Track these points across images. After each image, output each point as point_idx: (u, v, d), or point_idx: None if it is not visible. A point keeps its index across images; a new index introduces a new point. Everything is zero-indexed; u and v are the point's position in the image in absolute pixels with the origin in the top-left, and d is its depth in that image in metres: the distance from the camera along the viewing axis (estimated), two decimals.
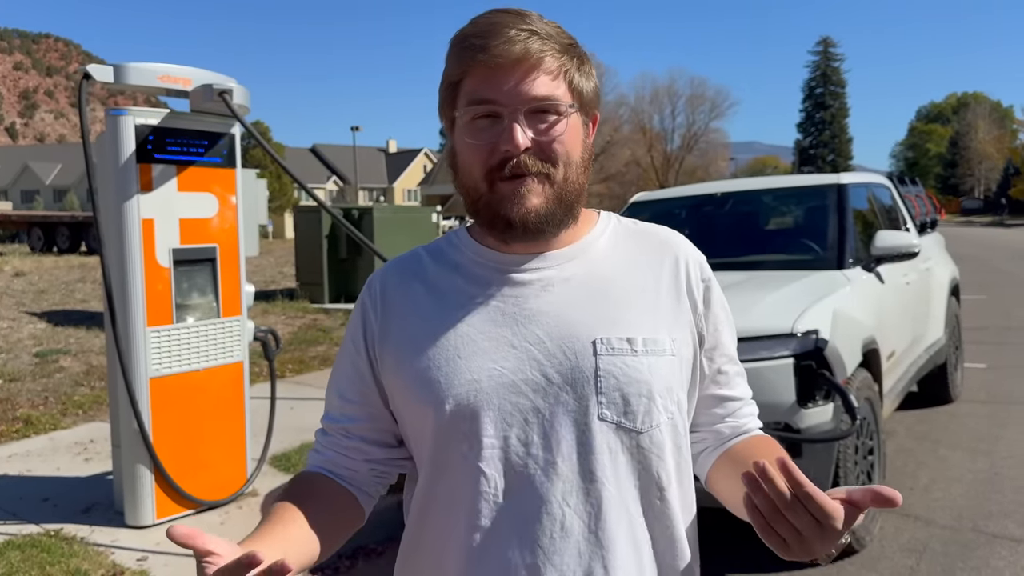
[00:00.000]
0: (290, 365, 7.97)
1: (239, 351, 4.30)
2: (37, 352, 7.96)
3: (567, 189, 1.10)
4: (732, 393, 1.23)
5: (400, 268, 1.21)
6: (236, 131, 4.27)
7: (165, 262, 3.96)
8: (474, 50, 1.06)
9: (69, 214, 27.66)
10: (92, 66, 3.77)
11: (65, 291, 12.38)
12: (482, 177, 1.09)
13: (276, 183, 43.67)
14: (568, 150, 1.09)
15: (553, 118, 1.08)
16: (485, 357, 1.09)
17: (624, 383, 1.08)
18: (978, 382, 7.06)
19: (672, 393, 1.12)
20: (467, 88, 1.09)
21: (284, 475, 4.72)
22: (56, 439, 5.61)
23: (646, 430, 1.10)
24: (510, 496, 1.08)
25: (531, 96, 1.06)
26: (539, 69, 1.06)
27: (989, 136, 79.07)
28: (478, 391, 1.08)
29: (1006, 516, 4.14)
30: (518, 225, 1.08)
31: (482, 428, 1.08)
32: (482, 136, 1.08)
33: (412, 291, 1.17)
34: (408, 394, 1.13)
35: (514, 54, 1.05)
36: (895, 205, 5.90)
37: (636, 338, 1.10)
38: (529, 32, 1.06)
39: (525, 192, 1.07)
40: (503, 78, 1.06)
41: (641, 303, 1.14)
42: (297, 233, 12.38)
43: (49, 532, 3.89)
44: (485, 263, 1.16)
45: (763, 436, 1.23)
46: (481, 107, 1.07)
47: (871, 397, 3.91)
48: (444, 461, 1.10)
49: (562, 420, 1.08)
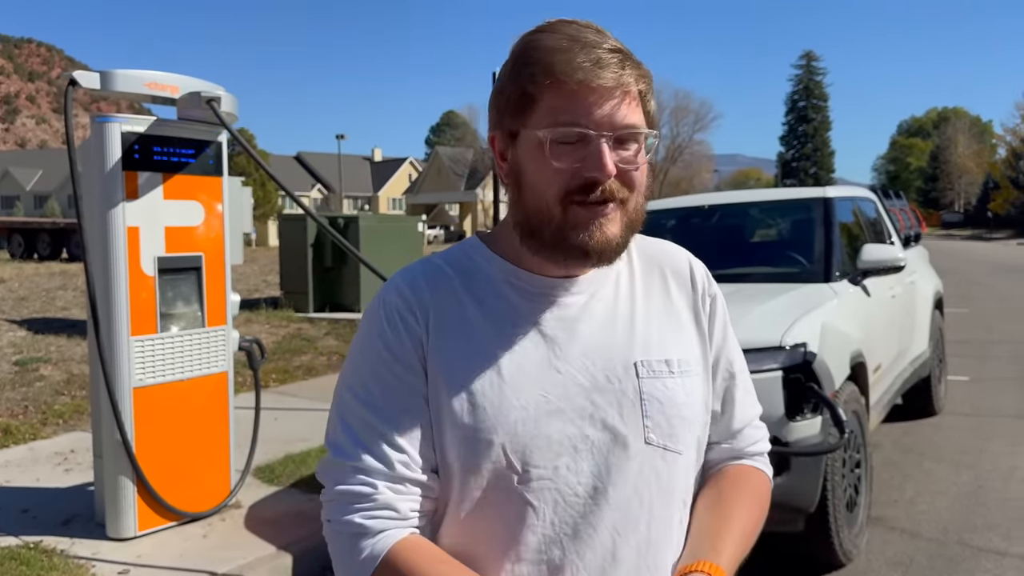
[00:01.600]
0: (274, 375, 7.90)
1: (224, 361, 4.25)
2: (17, 360, 7.85)
3: (635, 216, 1.08)
4: (734, 414, 1.21)
5: (430, 280, 1.11)
6: (223, 139, 4.24)
7: (150, 271, 3.91)
8: (563, 66, 1.00)
9: (50, 220, 27.46)
10: (78, 72, 3.73)
11: (46, 298, 12.23)
12: (556, 199, 1.03)
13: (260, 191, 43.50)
14: (643, 178, 1.08)
15: (635, 147, 1.05)
16: (532, 384, 1.05)
17: (666, 405, 1.08)
18: (961, 395, 7.12)
19: (701, 415, 1.14)
20: (550, 105, 1.02)
21: (268, 487, 4.67)
22: (36, 449, 5.53)
23: (684, 451, 1.10)
24: (560, 527, 1.04)
25: (623, 124, 1.02)
26: (628, 96, 1.03)
27: (969, 150, 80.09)
28: (526, 419, 1.04)
29: (991, 529, 4.16)
30: (594, 253, 1.04)
31: (531, 458, 1.03)
32: (565, 159, 1.02)
33: (447, 306, 1.09)
34: (451, 422, 1.04)
35: (610, 79, 1.01)
36: (880, 218, 5.95)
37: (672, 360, 1.11)
38: (620, 55, 1.02)
39: (603, 221, 1.03)
40: (596, 101, 1.01)
41: (668, 324, 1.14)
42: (282, 241, 12.31)
43: (28, 544, 3.82)
44: (521, 285, 1.10)
45: (743, 476, 1.20)
46: (570, 130, 1.01)
47: (858, 410, 3.92)
48: (488, 494, 1.04)
49: (611, 446, 1.05)
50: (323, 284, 11.66)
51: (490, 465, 1.03)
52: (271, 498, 4.51)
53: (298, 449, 5.35)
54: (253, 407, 4.66)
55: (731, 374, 1.20)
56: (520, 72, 1.04)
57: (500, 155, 1.09)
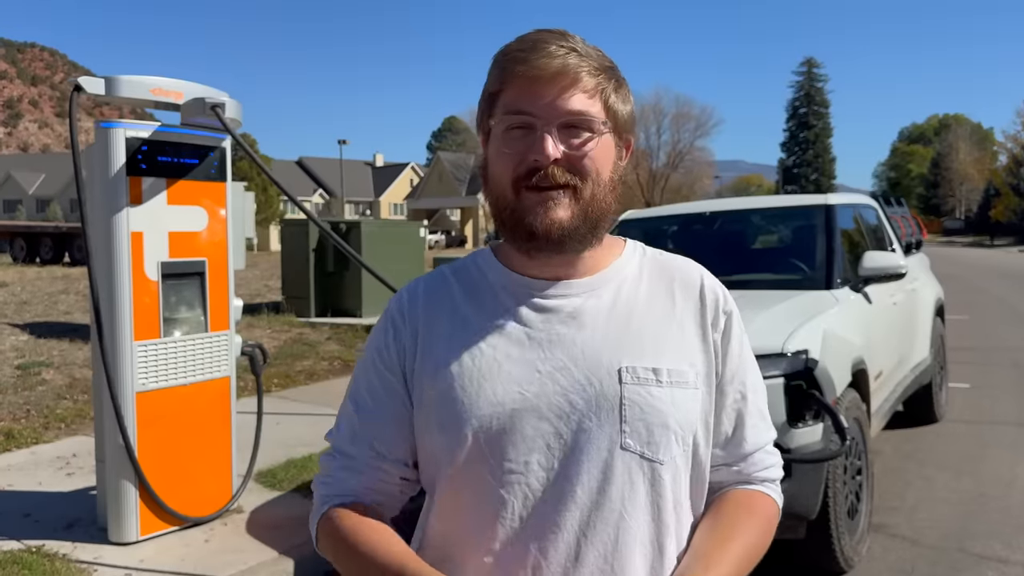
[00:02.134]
0: (276, 380, 7.91)
1: (226, 366, 4.26)
2: (19, 364, 7.86)
3: (593, 206, 1.10)
4: (744, 436, 1.19)
5: (428, 287, 1.22)
6: (227, 145, 4.26)
7: (153, 275, 3.93)
8: (514, 62, 1.08)
9: (53, 224, 27.48)
10: (84, 78, 3.75)
11: (48, 302, 12.25)
12: (510, 185, 1.10)
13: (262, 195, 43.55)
14: (598, 167, 1.10)
15: (586, 135, 1.08)
16: (510, 381, 1.09)
17: (648, 413, 1.08)
18: (962, 402, 7.11)
19: (692, 426, 1.12)
20: (504, 99, 1.10)
21: (269, 491, 4.68)
22: (38, 453, 5.54)
23: (666, 461, 1.10)
24: (527, 522, 1.07)
25: (566, 110, 1.07)
26: (576, 85, 1.07)
27: (970, 157, 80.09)
28: (501, 414, 1.08)
29: (992, 536, 4.16)
30: (541, 235, 1.09)
31: (504, 452, 1.08)
32: (514, 146, 1.09)
33: (439, 311, 1.17)
34: (430, 414, 1.12)
35: (552, 68, 1.06)
36: (881, 225, 5.95)
37: (661, 369, 1.10)
38: (569, 49, 1.08)
39: (551, 204, 1.08)
40: (540, 91, 1.07)
41: (666, 334, 1.14)
42: (284, 246, 12.33)
43: (31, 548, 3.82)
44: (511, 287, 1.16)
45: (747, 500, 1.18)
46: (516, 117, 1.08)
47: (860, 417, 3.93)
48: (463, 483, 1.10)
49: (584, 448, 1.07)
50: (325, 289, 11.67)
51: (463, 455, 1.09)
52: (273, 503, 4.51)
53: (300, 454, 5.35)
54: (255, 412, 4.66)
55: (743, 395, 1.19)
56: (489, 77, 1.14)
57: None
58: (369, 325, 10.63)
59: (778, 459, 1.23)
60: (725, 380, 1.17)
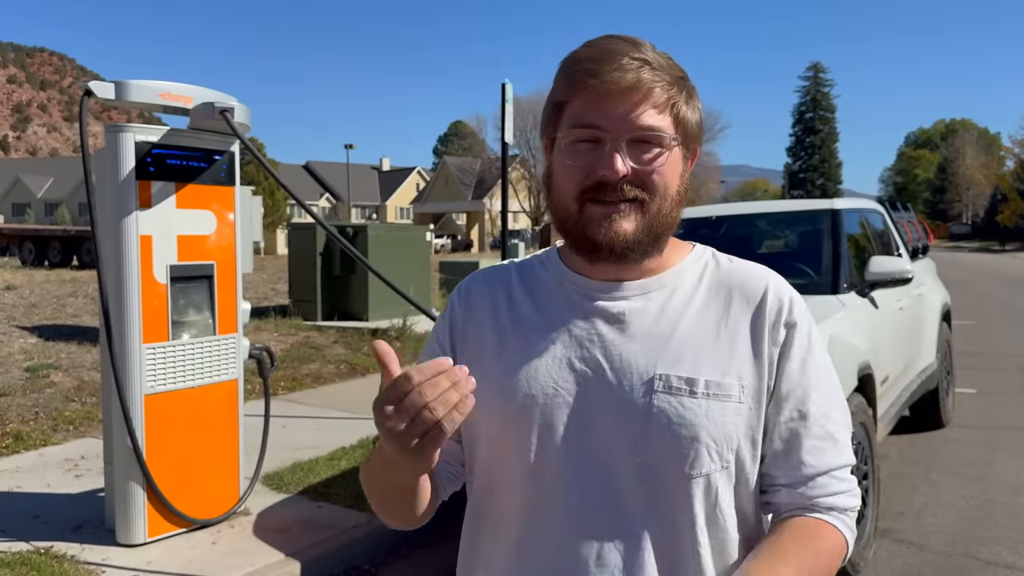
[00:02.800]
0: (282, 383, 7.93)
1: (234, 369, 4.28)
2: (28, 367, 7.90)
3: (659, 221, 1.09)
4: (802, 458, 1.10)
5: (487, 276, 1.24)
6: (235, 149, 4.28)
7: (162, 279, 3.95)
8: (585, 74, 1.05)
9: (61, 228, 27.57)
10: (94, 83, 3.78)
11: (56, 305, 12.30)
12: (574, 198, 1.08)
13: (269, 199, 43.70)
14: (666, 183, 1.08)
15: (656, 150, 1.06)
16: (546, 375, 1.10)
17: (676, 424, 1.04)
18: (969, 407, 7.09)
19: (731, 442, 1.06)
20: (572, 110, 1.08)
21: (276, 494, 4.69)
22: (47, 455, 5.56)
23: (695, 476, 1.05)
24: (547, 518, 1.08)
25: (636, 125, 1.05)
26: (648, 100, 1.05)
27: (977, 163, 79.86)
28: (533, 406, 1.09)
29: (999, 542, 4.15)
30: (604, 248, 1.07)
31: (530, 442, 1.09)
32: (580, 158, 1.07)
33: (493, 300, 1.20)
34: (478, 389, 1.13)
35: (625, 82, 1.04)
36: (887, 230, 5.95)
37: (698, 379, 1.06)
38: (642, 61, 1.05)
39: (616, 216, 1.07)
40: (611, 104, 1.05)
41: (713, 344, 1.09)
42: (291, 250, 12.36)
43: (39, 550, 3.85)
44: (565, 284, 1.17)
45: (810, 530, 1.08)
46: (584, 131, 1.06)
47: (866, 422, 3.93)
48: (494, 471, 1.14)
49: (609, 452, 1.06)
50: (331, 292, 11.70)
51: (495, 443, 1.13)
52: (279, 505, 4.53)
53: (306, 457, 5.37)
54: (262, 415, 4.68)
55: (802, 413, 1.10)
56: (556, 84, 1.11)
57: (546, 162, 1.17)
58: (376, 328, 10.65)
59: (849, 487, 1.12)
60: (780, 396, 1.10)
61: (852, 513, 1.12)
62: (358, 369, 8.84)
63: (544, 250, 1.25)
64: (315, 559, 3.85)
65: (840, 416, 1.13)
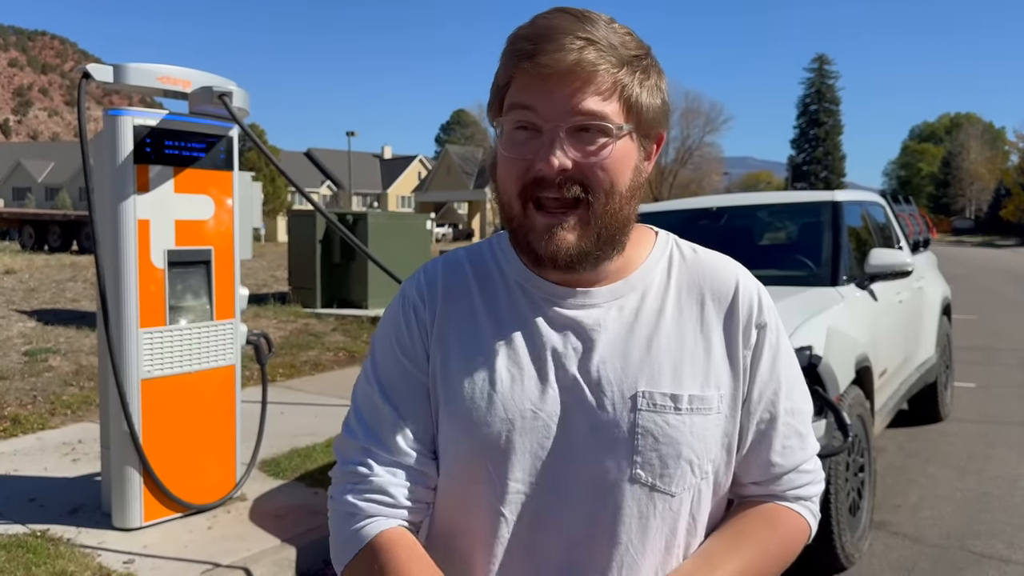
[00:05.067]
0: (281, 370, 7.94)
1: (232, 354, 4.28)
2: (26, 351, 7.91)
3: (607, 223, 0.99)
4: (770, 459, 1.09)
5: (446, 276, 1.11)
6: (234, 134, 4.26)
7: (160, 263, 3.94)
8: (522, 55, 0.95)
9: (61, 212, 27.57)
10: (92, 65, 3.76)
11: (56, 290, 12.30)
12: (516, 194, 0.99)
13: (269, 186, 43.65)
14: (612, 177, 0.97)
15: (601, 140, 0.96)
16: (522, 396, 1.01)
17: (663, 444, 1.00)
18: (968, 401, 7.09)
19: (710, 453, 1.04)
20: (511, 94, 0.98)
21: (273, 480, 4.70)
22: (44, 439, 5.57)
23: (678, 493, 1.02)
24: (525, 545, 1.02)
25: (577, 111, 0.95)
26: (590, 84, 0.94)
27: (981, 157, 79.76)
28: (511, 431, 1.01)
29: (994, 536, 4.16)
30: (548, 261, 0.99)
31: (509, 470, 1.01)
32: (519, 149, 0.98)
33: (456, 305, 1.08)
34: (442, 418, 1.05)
35: (564, 64, 0.93)
36: (889, 223, 5.93)
37: (681, 395, 1.01)
38: (586, 40, 0.94)
39: (558, 229, 0.97)
40: (549, 88, 0.94)
41: (692, 354, 1.04)
42: (291, 237, 12.35)
43: (35, 533, 3.85)
44: (529, 289, 1.06)
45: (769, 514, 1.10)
46: (520, 114, 0.97)
47: (863, 414, 3.92)
48: (466, 494, 1.04)
49: (592, 475, 1.00)
50: (331, 280, 11.70)
51: (468, 467, 1.03)
52: (276, 491, 4.53)
53: (304, 443, 5.37)
54: (260, 401, 4.68)
55: (772, 415, 1.08)
56: (499, 64, 1.01)
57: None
58: (375, 317, 10.65)
59: (813, 476, 1.12)
60: (752, 400, 1.07)
61: (815, 499, 1.14)
62: (357, 357, 8.84)
63: (491, 239, 1.14)
64: (311, 545, 3.85)
65: (806, 407, 1.12)
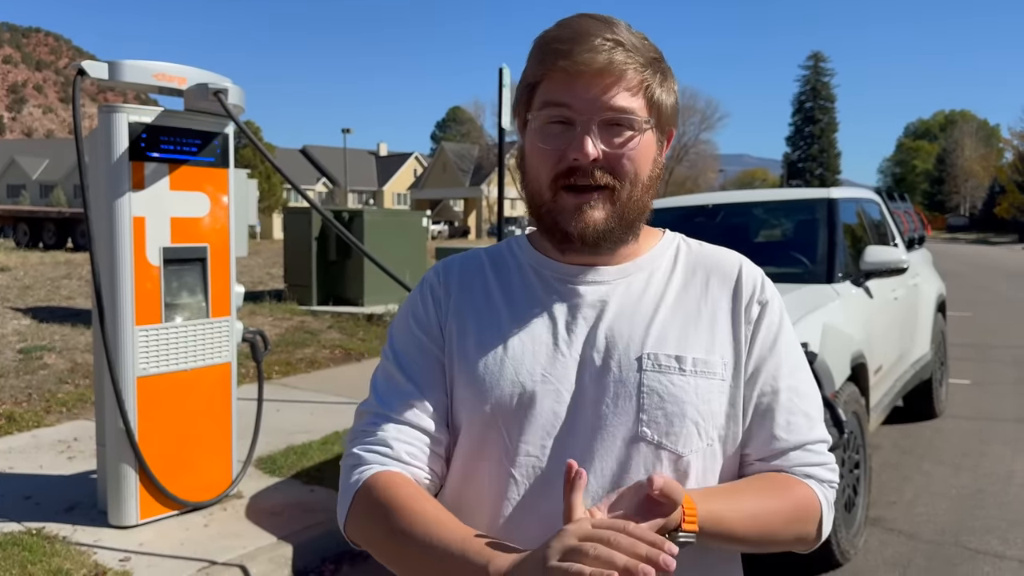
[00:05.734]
0: (276, 367, 7.93)
1: (227, 352, 4.27)
2: (21, 348, 7.89)
3: (630, 207, 1.09)
4: (774, 432, 1.11)
5: (463, 264, 1.21)
6: (230, 131, 4.26)
7: (155, 261, 3.93)
8: (556, 55, 1.05)
9: (56, 210, 27.46)
10: (87, 62, 3.74)
11: (51, 287, 12.27)
12: (548, 184, 1.08)
13: (265, 183, 43.57)
14: (637, 168, 1.07)
15: (628, 133, 1.06)
16: (533, 362, 1.08)
17: (668, 402, 1.05)
18: (962, 398, 7.12)
19: (716, 419, 1.08)
20: (544, 91, 1.07)
21: (269, 477, 4.70)
22: (39, 436, 5.56)
23: (686, 454, 1.06)
24: (535, 506, 1.05)
25: (608, 107, 1.04)
26: (620, 82, 1.04)
27: (975, 154, 79.92)
28: (521, 394, 1.07)
29: (989, 532, 4.17)
30: (576, 239, 1.07)
31: (520, 433, 1.07)
32: (552, 142, 1.07)
33: (472, 287, 1.17)
34: (459, 388, 1.12)
35: (597, 63, 1.03)
36: (884, 220, 5.94)
37: (686, 357, 1.07)
38: (615, 42, 1.04)
39: (587, 208, 1.06)
40: (582, 86, 1.04)
41: (696, 324, 1.11)
42: (286, 234, 12.33)
43: (31, 530, 3.85)
44: (541, 271, 1.15)
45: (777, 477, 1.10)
46: (555, 111, 1.06)
47: (858, 411, 3.93)
48: (479, 459, 1.10)
49: (601, 435, 1.05)
50: (327, 278, 11.69)
51: (481, 432, 1.09)
52: (272, 489, 4.53)
53: (300, 441, 5.37)
54: (256, 398, 4.68)
55: (774, 390, 1.11)
56: (528, 64, 1.10)
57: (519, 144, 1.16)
58: (371, 314, 10.64)
59: (825, 460, 1.12)
60: (752, 372, 1.12)
61: (829, 486, 1.13)
62: (353, 354, 8.84)
63: (513, 236, 1.24)
64: (307, 542, 3.85)
65: (812, 393, 1.15)
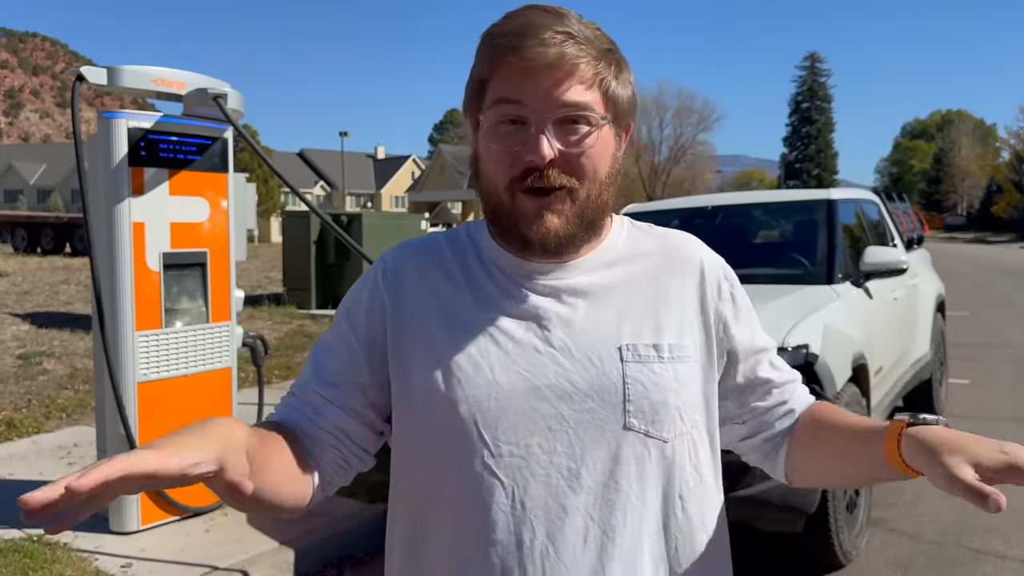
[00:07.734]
0: (276, 371, 7.92)
1: (227, 357, 4.27)
2: (20, 354, 7.88)
3: (589, 207, 1.05)
4: (769, 386, 1.19)
5: (418, 253, 1.15)
6: (229, 135, 4.26)
7: (155, 266, 3.93)
8: (505, 50, 0.99)
9: (54, 215, 27.49)
10: (86, 68, 3.74)
11: (49, 293, 12.27)
12: (504, 187, 1.03)
13: (263, 187, 43.56)
14: (595, 165, 1.03)
15: (584, 129, 1.01)
16: (508, 360, 1.05)
17: (651, 391, 1.05)
18: (961, 398, 7.12)
19: (696, 401, 1.10)
20: (494, 88, 1.02)
21: None
22: (39, 442, 5.55)
23: (671, 439, 1.06)
24: (531, 508, 1.02)
25: (562, 103, 0.99)
26: (573, 76, 0.99)
27: (972, 153, 80.00)
28: (499, 394, 1.03)
29: (990, 532, 4.18)
30: (536, 246, 1.04)
31: (502, 434, 1.03)
32: (506, 142, 1.02)
33: (429, 280, 1.11)
34: (417, 392, 1.07)
35: (547, 57, 0.98)
36: (883, 221, 5.95)
37: (662, 344, 1.07)
38: (566, 35, 0.99)
39: (547, 213, 1.02)
40: (533, 82, 0.99)
41: (665, 308, 1.10)
42: (285, 238, 12.34)
43: (32, 537, 3.84)
44: (507, 266, 1.11)
45: (822, 403, 1.20)
46: (507, 108, 1.01)
47: (859, 412, 3.93)
48: (453, 466, 1.05)
49: (588, 429, 1.03)
50: (326, 281, 11.69)
51: (454, 437, 1.04)
52: None
53: None
54: (256, 403, 4.67)
55: (756, 351, 1.19)
56: (476, 60, 1.05)
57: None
58: None
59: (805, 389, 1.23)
60: (737, 343, 1.16)
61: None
62: None
63: (469, 224, 1.18)
64: (309, 547, 3.85)
65: (772, 344, 1.24)
